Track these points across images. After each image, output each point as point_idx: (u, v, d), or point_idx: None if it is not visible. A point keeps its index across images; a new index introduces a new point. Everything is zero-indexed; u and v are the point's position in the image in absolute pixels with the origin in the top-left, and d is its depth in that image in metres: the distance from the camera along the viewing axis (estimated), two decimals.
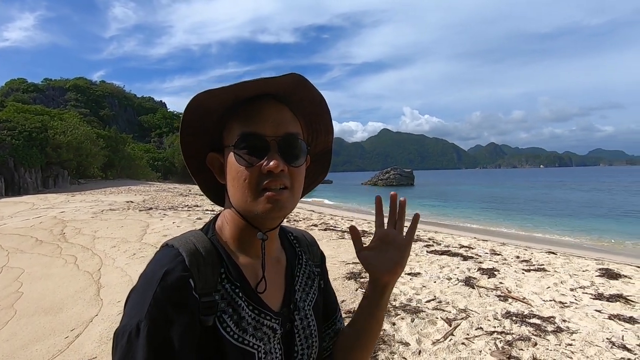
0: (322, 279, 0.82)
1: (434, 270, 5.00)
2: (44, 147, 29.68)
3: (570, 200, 31.30)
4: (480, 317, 3.42)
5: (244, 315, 0.61)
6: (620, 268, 5.38)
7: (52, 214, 12.29)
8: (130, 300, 0.55)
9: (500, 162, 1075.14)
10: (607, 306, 3.71)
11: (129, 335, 0.51)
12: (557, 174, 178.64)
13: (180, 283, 0.55)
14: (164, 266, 0.56)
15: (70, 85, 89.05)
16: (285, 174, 0.62)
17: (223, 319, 0.59)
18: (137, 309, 0.53)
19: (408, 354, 2.80)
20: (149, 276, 0.56)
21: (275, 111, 0.63)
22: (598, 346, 2.86)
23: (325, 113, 0.71)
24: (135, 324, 0.51)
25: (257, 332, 0.62)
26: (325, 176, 0.80)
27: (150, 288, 0.54)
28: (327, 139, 0.76)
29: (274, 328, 0.65)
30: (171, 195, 20.84)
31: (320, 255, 0.85)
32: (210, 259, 0.61)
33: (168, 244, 0.61)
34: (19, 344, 3.37)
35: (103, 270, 5.46)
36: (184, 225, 8.93)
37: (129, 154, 47.40)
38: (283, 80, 0.60)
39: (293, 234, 0.82)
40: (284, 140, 0.62)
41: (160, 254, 0.60)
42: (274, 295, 0.68)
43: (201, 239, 0.63)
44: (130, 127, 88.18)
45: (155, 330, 0.51)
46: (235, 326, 0.60)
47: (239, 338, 0.60)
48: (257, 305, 0.63)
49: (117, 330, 0.53)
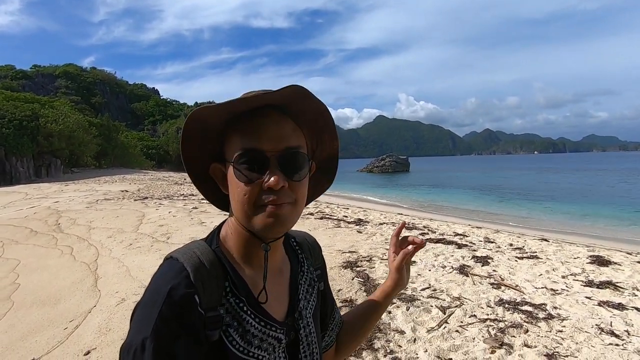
0: (322, 280, 0.83)
1: (429, 259, 5.07)
2: (35, 136, 29.22)
3: (564, 185, 31.67)
4: (473, 305, 3.49)
5: (249, 329, 0.62)
6: (611, 255, 5.49)
7: (46, 204, 12.20)
8: (136, 315, 0.56)
9: (495, 149, 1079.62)
10: (597, 293, 3.80)
11: (135, 352, 0.52)
12: (551, 160, 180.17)
13: (185, 300, 0.55)
14: (169, 282, 0.56)
15: (60, 72, 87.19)
16: (286, 190, 0.61)
17: (229, 332, 0.60)
18: (142, 325, 0.53)
19: (403, 341, 2.86)
20: (154, 292, 0.56)
21: (275, 124, 0.62)
22: (587, 332, 2.94)
23: (329, 121, 0.70)
24: (140, 340, 0.52)
25: (262, 344, 0.63)
26: (331, 184, 0.79)
27: (156, 305, 0.54)
28: (332, 145, 0.75)
29: (279, 338, 0.65)
30: (166, 184, 20.73)
31: (321, 258, 0.86)
32: (214, 273, 0.61)
33: (173, 256, 0.61)
34: (18, 336, 3.39)
35: (100, 261, 5.47)
36: (180, 215, 8.93)
37: (122, 143, 46.85)
38: (280, 94, 0.59)
39: (296, 240, 0.82)
40: (284, 155, 0.61)
41: (165, 267, 0.60)
42: (278, 305, 0.69)
43: (205, 251, 0.63)
44: (123, 114, 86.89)
45: (161, 347, 0.52)
46: (241, 339, 0.61)
47: (244, 350, 0.60)
48: (263, 317, 0.64)
49: (123, 346, 0.54)
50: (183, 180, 24.93)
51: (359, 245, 5.91)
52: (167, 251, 4.02)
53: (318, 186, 0.77)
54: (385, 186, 35.41)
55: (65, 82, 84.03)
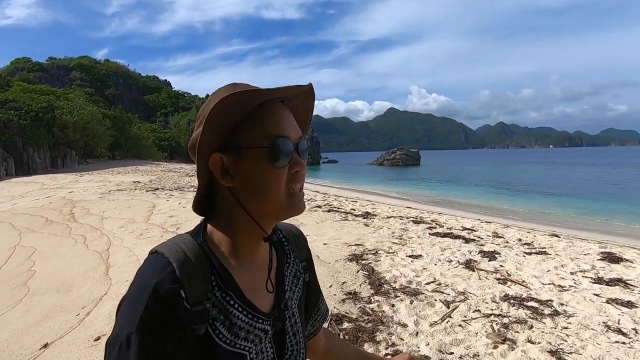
0: (307, 271, 0.84)
1: (435, 253, 5.05)
2: (51, 127, 29.85)
3: (577, 180, 30.97)
4: (478, 300, 3.47)
5: (235, 321, 0.62)
6: (623, 252, 5.38)
7: (61, 194, 12.52)
8: (122, 310, 0.56)
9: (508, 142, 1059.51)
10: (606, 290, 3.74)
11: (120, 347, 0.52)
12: (566, 154, 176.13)
13: (171, 295, 0.55)
14: (155, 277, 0.56)
15: (75, 64, 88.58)
16: (304, 175, 0.67)
17: (215, 326, 0.60)
18: (128, 319, 0.53)
19: (405, 335, 2.88)
20: (140, 287, 0.56)
21: (290, 115, 0.68)
22: (593, 330, 2.91)
23: (310, 117, 0.76)
24: (126, 335, 0.52)
25: (249, 335, 0.64)
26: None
27: (141, 300, 0.54)
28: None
29: (266, 330, 0.66)
30: (177, 176, 21.01)
31: (307, 250, 0.87)
32: (200, 267, 0.61)
33: (157, 251, 0.61)
34: (32, 321, 3.52)
35: (111, 250, 5.60)
36: (189, 206, 9.02)
37: (135, 134, 47.53)
38: (305, 88, 0.67)
39: (282, 232, 0.83)
40: (302, 143, 0.67)
41: (150, 262, 0.60)
42: (264, 297, 0.69)
43: (191, 245, 0.63)
44: (136, 106, 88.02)
45: (146, 342, 0.52)
46: (227, 332, 0.61)
47: (231, 342, 0.61)
48: (250, 309, 0.65)
49: (109, 340, 0.54)
50: (194, 172, 25.17)
51: (365, 238, 5.91)
52: None
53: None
54: (394, 179, 35.20)
55: (79, 74, 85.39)
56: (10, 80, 44.76)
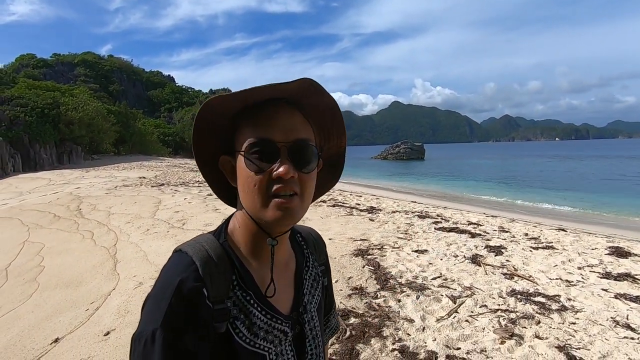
0: (326, 276, 0.84)
1: (441, 248, 5.04)
2: (57, 124, 30.07)
3: (585, 173, 30.66)
4: (485, 295, 3.47)
5: (255, 321, 0.63)
6: (632, 246, 5.33)
7: (68, 190, 12.64)
8: (147, 307, 0.58)
9: (514, 135, 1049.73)
10: (614, 285, 3.71)
11: (145, 342, 0.54)
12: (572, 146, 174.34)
13: (194, 293, 0.57)
14: (179, 275, 0.58)
15: (79, 60, 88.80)
16: (295, 180, 0.61)
17: (235, 325, 0.61)
18: (153, 316, 0.55)
19: (412, 330, 2.88)
20: (164, 285, 0.58)
21: (286, 116, 0.63)
22: (601, 325, 2.89)
23: (338, 117, 0.70)
24: (151, 331, 0.54)
25: (268, 336, 0.64)
26: (337, 182, 0.79)
27: (166, 297, 0.56)
28: (340, 142, 0.74)
29: (285, 331, 0.67)
30: (182, 171, 21.10)
31: (325, 254, 0.87)
32: (222, 267, 0.62)
33: (181, 249, 0.63)
34: (43, 315, 3.58)
35: (119, 246, 5.66)
36: (195, 202, 9.10)
37: (139, 130, 47.75)
38: (294, 85, 0.60)
39: (301, 235, 0.82)
40: (295, 146, 0.62)
41: (174, 261, 0.62)
42: (284, 299, 0.70)
43: (213, 245, 0.64)
44: (140, 102, 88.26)
45: (170, 338, 0.54)
46: (247, 331, 0.62)
47: (250, 342, 0.62)
48: (269, 310, 0.65)
49: (134, 335, 0.56)
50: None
51: (370, 233, 5.91)
52: (182, 237, 4.13)
53: (324, 183, 0.77)
54: (399, 174, 35.08)
55: (84, 70, 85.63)
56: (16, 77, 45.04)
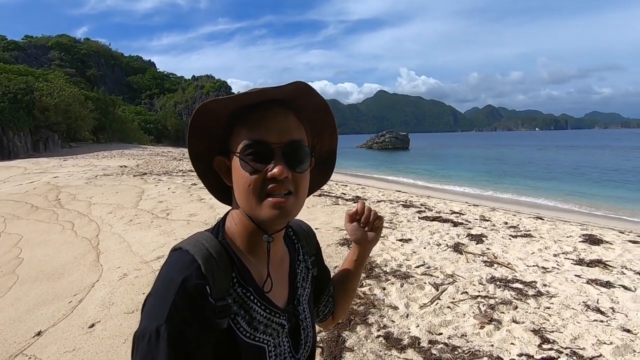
0: (316, 266, 0.88)
1: (425, 237, 5.16)
2: (31, 110, 28.81)
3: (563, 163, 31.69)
4: (466, 282, 3.59)
5: (255, 316, 0.66)
6: (603, 233, 5.59)
7: (45, 179, 12.23)
8: (149, 304, 0.58)
9: (496, 125, 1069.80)
10: (587, 271, 3.90)
11: (149, 338, 0.54)
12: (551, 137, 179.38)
13: (197, 290, 0.58)
14: (182, 273, 0.59)
15: (53, 43, 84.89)
16: (289, 180, 0.64)
17: (237, 320, 0.63)
18: (156, 313, 0.56)
19: (396, 317, 2.97)
20: (167, 282, 0.58)
21: (280, 118, 0.65)
22: (574, 309, 3.05)
23: (329, 118, 0.73)
24: (155, 327, 0.54)
25: (267, 329, 0.67)
26: (329, 179, 0.83)
27: (169, 294, 0.56)
28: (331, 141, 0.77)
29: (283, 324, 0.70)
30: (165, 160, 20.69)
31: (316, 245, 0.90)
32: (222, 264, 0.63)
33: (182, 247, 0.63)
34: (24, 308, 3.51)
35: (101, 237, 5.55)
36: (179, 191, 8.98)
37: (119, 117, 46.37)
38: (288, 88, 0.62)
39: (292, 228, 0.85)
40: (288, 147, 0.64)
41: (175, 258, 0.62)
42: (280, 293, 0.73)
43: (213, 243, 0.65)
44: (119, 88, 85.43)
45: (174, 334, 0.54)
46: (248, 326, 0.65)
47: (250, 336, 0.65)
48: (268, 305, 0.68)
49: (137, 333, 0.56)
50: (182, 156, 24.86)
51: None
52: (167, 227, 4.06)
53: (316, 180, 0.80)
54: (384, 163, 35.40)
55: (58, 53, 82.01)
56: None
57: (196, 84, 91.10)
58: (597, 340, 2.60)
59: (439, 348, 2.52)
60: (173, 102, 60.43)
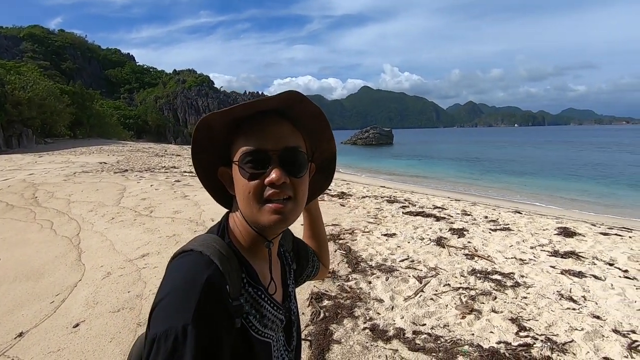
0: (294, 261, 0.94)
1: (409, 231, 5.28)
2: (3, 104, 27.60)
3: (540, 159, 32.76)
4: (448, 275, 3.72)
5: (265, 314, 0.70)
6: (577, 226, 5.86)
7: (20, 177, 11.79)
8: (168, 303, 0.57)
9: (477, 121, 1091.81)
10: (561, 262, 4.10)
11: (175, 338, 0.52)
12: (529, 133, 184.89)
13: (221, 289, 0.60)
14: (204, 272, 0.59)
15: (25, 34, 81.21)
16: (288, 185, 0.66)
17: (249, 319, 0.66)
18: (181, 312, 0.55)
19: (382, 309, 3.06)
20: (190, 281, 0.58)
21: (276, 126, 0.67)
22: (549, 298, 3.21)
23: (324, 124, 0.75)
24: (181, 327, 0.53)
25: (272, 325, 0.71)
26: (329, 184, 0.86)
27: (193, 293, 0.56)
28: (329, 146, 0.80)
29: (282, 320, 0.75)
30: (146, 156, 20.26)
31: (291, 240, 0.95)
32: (234, 265, 0.66)
33: (194, 249, 0.64)
34: (4, 310, 3.41)
35: (82, 235, 5.43)
36: (162, 188, 8.84)
37: (97, 112, 44.99)
38: (281, 97, 0.64)
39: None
40: (285, 153, 0.66)
41: (192, 259, 0.63)
42: (278, 291, 0.78)
43: (222, 244, 0.67)
44: (97, 82, 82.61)
45: (202, 333, 0.54)
46: (259, 323, 0.68)
47: (261, 333, 0.68)
48: (275, 303, 0.73)
49: (159, 334, 0.54)
50: (164, 152, 24.39)
51: (341, 218, 6.06)
52: (151, 225, 4.01)
53: (318, 185, 0.84)
54: (368, 159, 35.70)
55: (31, 45, 78.50)
56: None
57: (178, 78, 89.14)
58: (570, 326, 2.75)
59: (422, 338, 2.62)
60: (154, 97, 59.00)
